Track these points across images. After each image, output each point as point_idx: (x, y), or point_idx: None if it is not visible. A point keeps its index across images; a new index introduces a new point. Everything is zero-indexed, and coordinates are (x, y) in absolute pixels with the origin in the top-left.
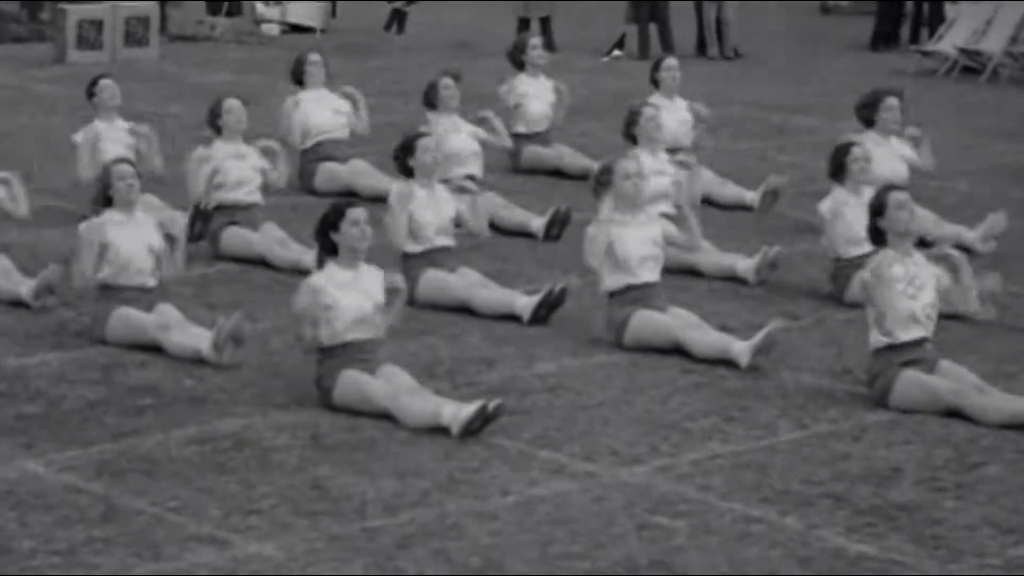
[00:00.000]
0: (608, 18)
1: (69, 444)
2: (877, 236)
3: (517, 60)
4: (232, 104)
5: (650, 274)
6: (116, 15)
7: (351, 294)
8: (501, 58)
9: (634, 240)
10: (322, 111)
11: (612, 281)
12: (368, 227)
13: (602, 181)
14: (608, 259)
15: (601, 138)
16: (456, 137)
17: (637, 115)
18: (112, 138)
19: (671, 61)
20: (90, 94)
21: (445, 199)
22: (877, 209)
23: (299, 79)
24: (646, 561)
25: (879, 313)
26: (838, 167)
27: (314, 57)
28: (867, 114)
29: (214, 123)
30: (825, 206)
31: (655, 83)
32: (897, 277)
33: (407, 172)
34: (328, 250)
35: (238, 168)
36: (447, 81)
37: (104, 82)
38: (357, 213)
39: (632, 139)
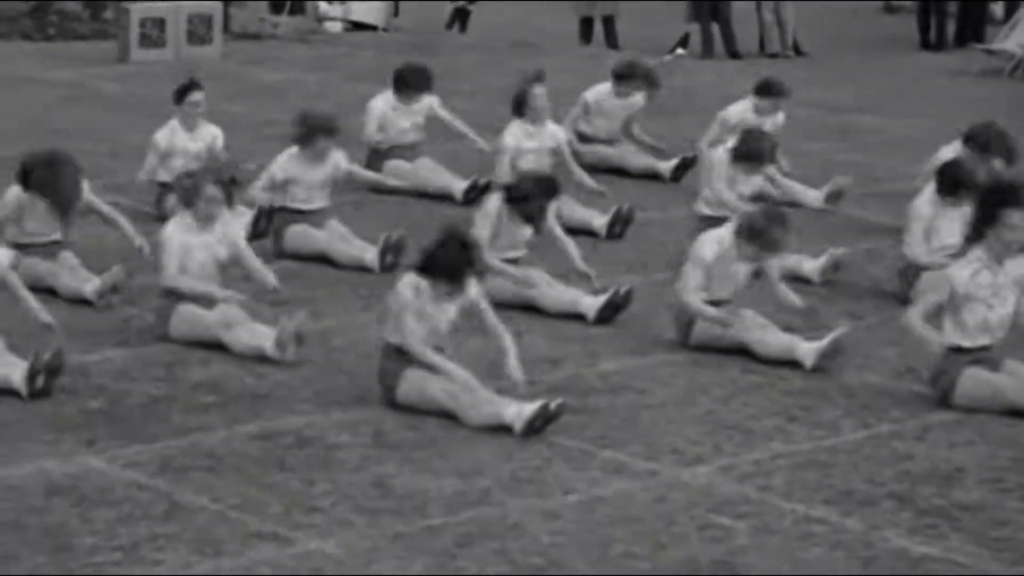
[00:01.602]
0: (671, 17)
1: (132, 440)
2: (976, 236)
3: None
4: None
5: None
6: (179, 13)
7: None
8: (564, 57)
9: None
10: (395, 116)
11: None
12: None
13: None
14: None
15: (662, 137)
16: (537, 149)
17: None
18: (185, 149)
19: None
20: (179, 99)
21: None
22: (992, 215)
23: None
24: (707, 561)
25: (951, 315)
26: (952, 186)
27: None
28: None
29: (302, 140)
30: (919, 206)
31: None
32: (982, 284)
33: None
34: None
35: (315, 176)
36: (538, 90)
37: (197, 96)
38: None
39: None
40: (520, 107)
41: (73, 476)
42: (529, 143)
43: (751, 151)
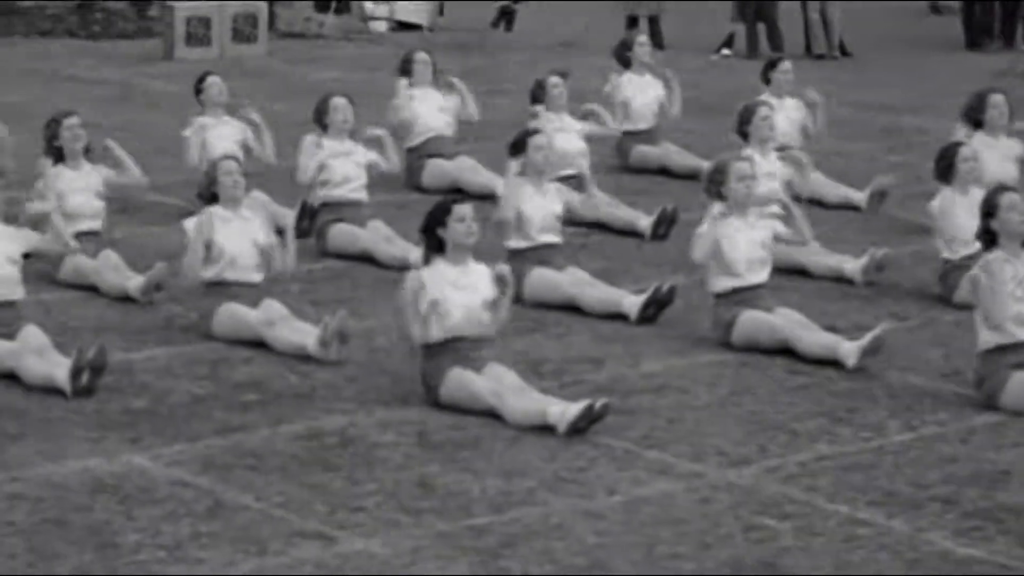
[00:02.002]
0: (717, 17)
1: (175, 439)
2: (987, 237)
3: (623, 58)
4: (339, 102)
5: (758, 276)
6: (224, 12)
7: (459, 291)
8: (609, 57)
9: (743, 242)
10: (428, 109)
11: (719, 283)
12: (475, 223)
13: (716, 180)
14: (716, 260)
15: (708, 137)
16: (563, 136)
17: (752, 114)
18: (219, 134)
19: (786, 64)
20: (197, 91)
21: (553, 197)
22: (989, 210)
23: (407, 75)
24: (752, 562)
25: (987, 313)
26: (946, 167)
27: (422, 56)
28: (975, 115)
29: (321, 120)
30: (935, 206)
31: (767, 81)
32: (1007, 278)
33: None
34: (435, 247)
35: (344, 165)
36: (555, 80)
37: (211, 79)
38: (464, 209)
39: (744, 136)
40: (539, 97)
41: (117, 474)
42: (550, 127)
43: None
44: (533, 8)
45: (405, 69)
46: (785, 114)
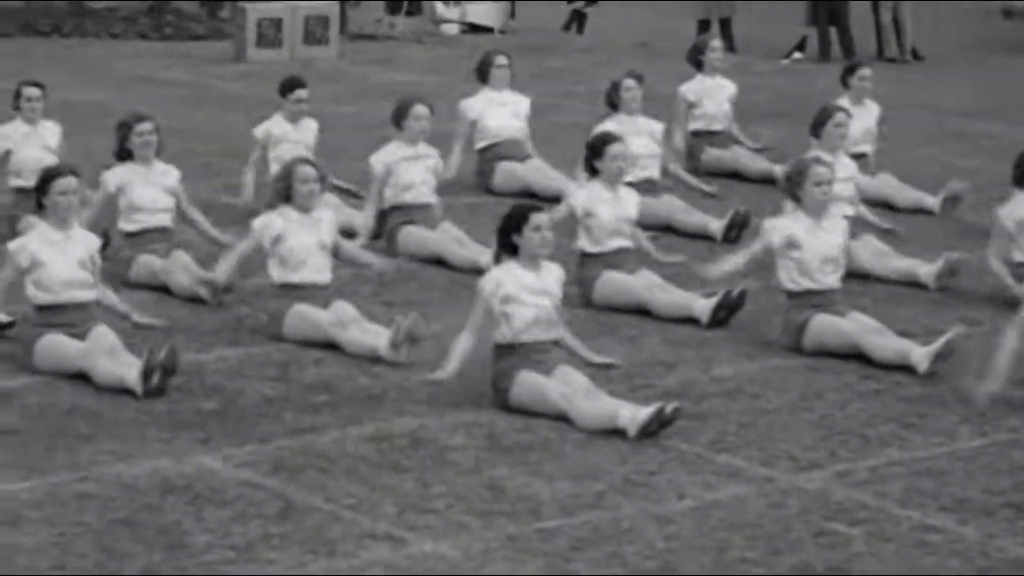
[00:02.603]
0: (789, 20)
1: (246, 440)
2: None
3: (696, 61)
4: (421, 111)
5: (831, 279)
6: (296, 14)
7: (530, 294)
8: (681, 59)
9: (816, 245)
10: (502, 112)
11: (792, 285)
12: (550, 233)
13: (794, 181)
14: (788, 263)
15: (779, 141)
16: (636, 140)
17: (828, 117)
18: (294, 139)
19: (866, 71)
20: (283, 93)
21: (628, 202)
22: None
23: (484, 78)
24: (822, 567)
25: None
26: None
27: (501, 60)
28: None
29: (398, 122)
30: (1005, 212)
31: (846, 86)
32: None
33: (593, 172)
34: (508, 250)
35: (414, 169)
36: (629, 82)
37: (301, 92)
38: (541, 219)
39: (817, 137)
40: (613, 99)
41: (187, 475)
42: (623, 130)
43: None
44: (605, 10)
45: (482, 71)
46: (860, 121)
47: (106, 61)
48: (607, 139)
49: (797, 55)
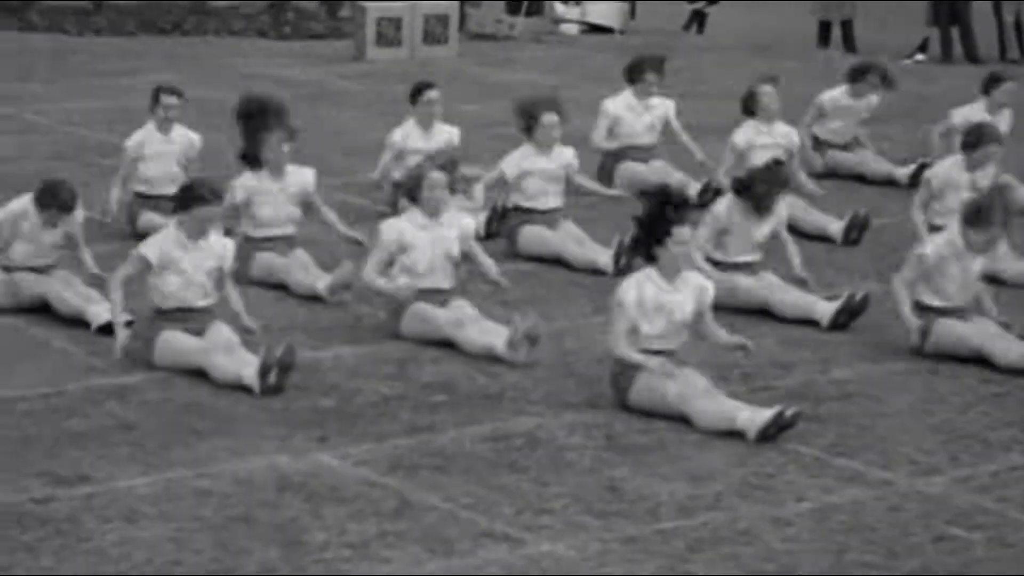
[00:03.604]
0: (910, 21)
1: (363, 438)
2: None
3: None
4: (552, 120)
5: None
6: (415, 13)
7: (665, 299)
8: (801, 60)
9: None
10: (634, 115)
11: (916, 291)
12: (690, 247)
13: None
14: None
15: (903, 143)
16: (772, 146)
17: (982, 144)
18: (419, 149)
19: (1012, 86)
20: (414, 99)
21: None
22: None
23: (632, 81)
24: (942, 572)
25: None
26: None
27: (652, 76)
28: None
29: (529, 130)
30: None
31: (986, 93)
32: None
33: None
34: (645, 255)
35: (544, 181)
36: (766, 88)
37: (432, 94)
38: (685, 233)
39: (965, 155)
40: (750, 106)
41: (304, 472)
42: (760, 139)
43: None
44: (726, 10)
45: (633, 76)
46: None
47: (225, 59)
48: (759, 171)
49: (919, 56)
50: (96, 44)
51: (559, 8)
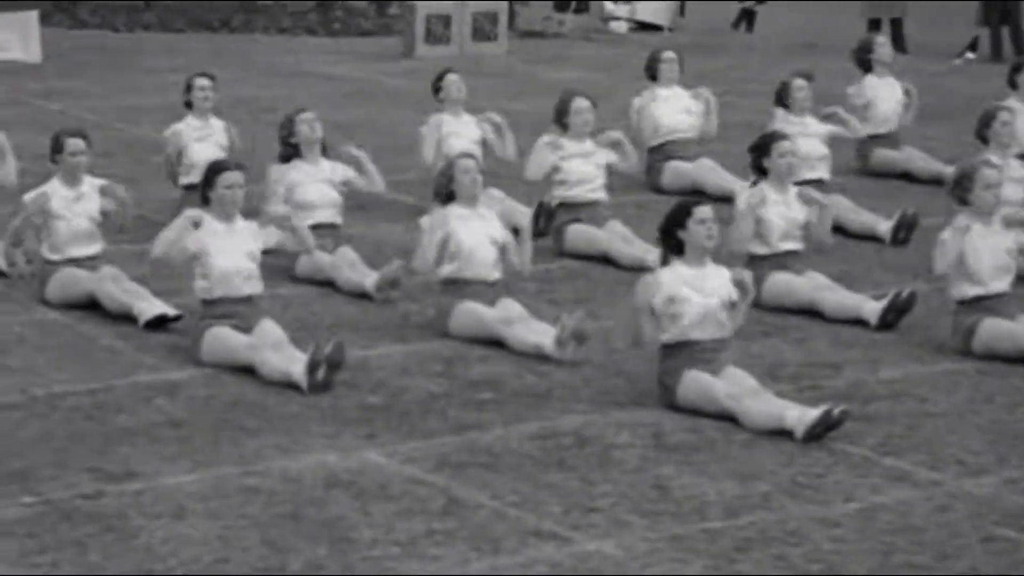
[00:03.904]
0: (960, 20)
1: (410, 436)
2: None
3: (864, 61)
4: (582, 105)
5: (1002, 284)
6: (464, 10)
7: (696, 292)
8: (850, 59)
9: (987, 250)
10: (673, 110)
11: (961, 290)
12: (716, 225)
13: (962, 186)
14: (959, 268)
15: (951, 142)
16: (805, 141)
17: (992, 118)
18: (457, 131)
19: None
20: (436, 89)
21: (796, 203)
22: None
23: (653, 75)
24: (990, 574)
25: None
26: None
27: (669, 55)
28: None
29: (561, 120)
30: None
31: (1012, 85)
32: None
33: (761, 171)
34: (673, 248)
35: (582, 166)
36: (800, 82)
37: (450, 77)
38: (704, 211)
39: (983, 140)
40: (783, 98)
41: (352, 470)
42: (790, 130)
43: None
44: (775, 9)
45: (651, 68)
46: None
47: (274, 56)
48: (774, 137)
49: (969, 55)
50: (145, 41)
51: (608, 6)
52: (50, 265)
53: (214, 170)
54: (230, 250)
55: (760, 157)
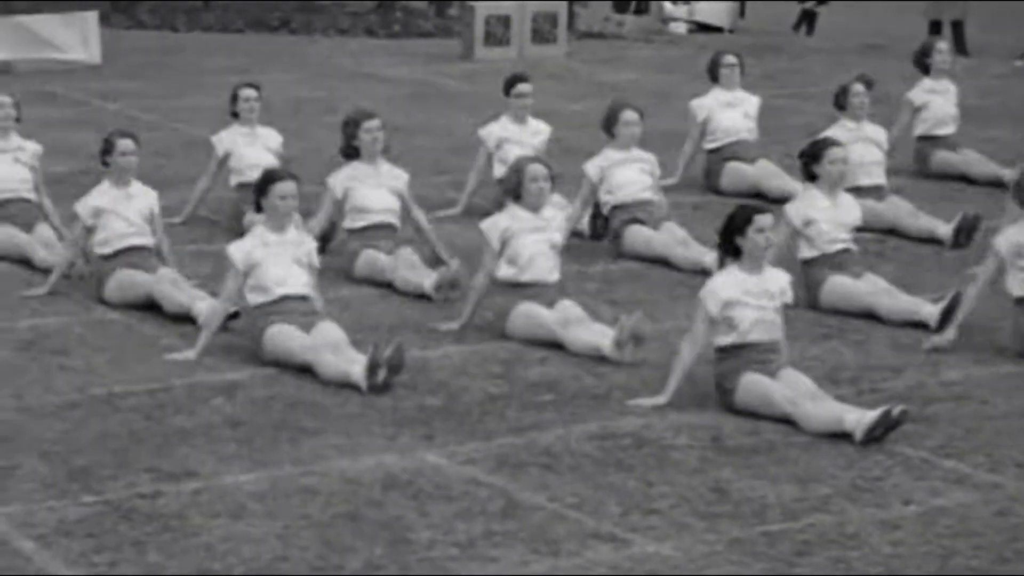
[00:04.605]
0: (1022, 22)
1: (470, 437)
2: None
3: (922, 64)
4: (630, 118)
5: None
6: (524, 12)
7: (752, 298)
8: (911, 61)
9: None
10: (732, 113)
11: (1021, 290)
12: (773, 235)
13: None
14: (1019, 272)
15: (1011, 145)
16: (861, 146)
17: None
18: (517, 140)
19: None
20: (507, 92)
21: (848, 206)
22: None
23: (715, 78)
24: None
25: None
26: None
27: (730, 59)
28: None
29: (609, 129)
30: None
31: None
32: None
33: (811, 177)
34: (731, 252)
35: (629, 171)
36: (858, 88)
37: (523, 87)
38: (765, 220)
39: None
40: (841, 101)
41: (411, 470)
42: (845, 136)
43: None
44: (836, 10)
45: (713, 71)
46: None
47: (333, 58)
48: (825, 144)
49: None
50: (204, 41)
51: (668, 7)
52: (105, 261)
53: (268, 179)
54: (279, 260)
55: (811, 163)
